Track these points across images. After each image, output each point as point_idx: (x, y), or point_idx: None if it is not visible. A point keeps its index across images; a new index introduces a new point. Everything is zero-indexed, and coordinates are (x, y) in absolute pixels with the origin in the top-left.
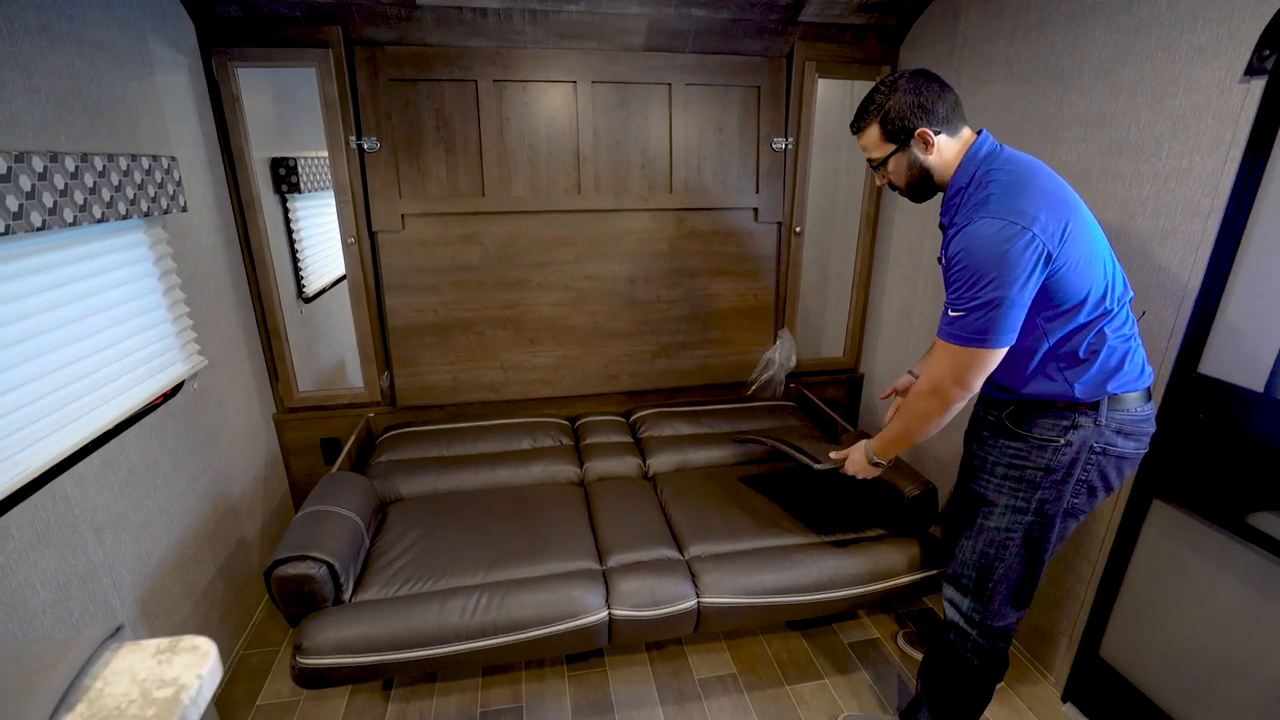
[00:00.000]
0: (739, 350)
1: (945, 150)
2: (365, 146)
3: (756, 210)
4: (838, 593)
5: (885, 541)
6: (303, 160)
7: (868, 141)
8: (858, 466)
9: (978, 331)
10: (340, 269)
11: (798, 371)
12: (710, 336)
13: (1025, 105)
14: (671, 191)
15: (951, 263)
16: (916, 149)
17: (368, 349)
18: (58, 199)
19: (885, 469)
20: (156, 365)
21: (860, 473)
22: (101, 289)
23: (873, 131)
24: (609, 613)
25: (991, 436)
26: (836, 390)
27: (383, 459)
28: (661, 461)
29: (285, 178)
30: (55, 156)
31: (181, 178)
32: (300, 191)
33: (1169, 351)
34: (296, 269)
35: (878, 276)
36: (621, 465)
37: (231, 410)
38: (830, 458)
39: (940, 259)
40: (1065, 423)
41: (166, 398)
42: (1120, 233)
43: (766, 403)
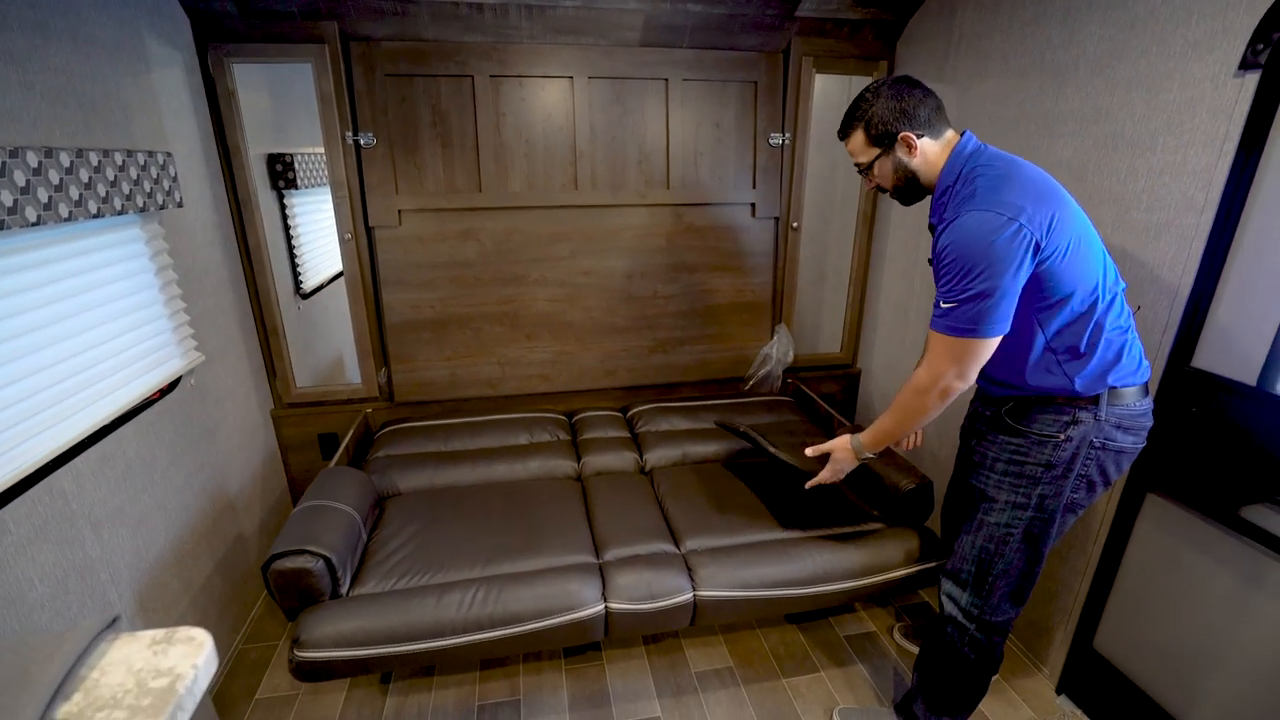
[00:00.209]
0: (736, 346)
1: (929, 152)
2: (362, 142)
3: (754, 206)
4: (833, 586)
5: (881, 535)
6: (299, 156)
7: (854, 146)
8: (837, 468)
9: (970, 321)
10: (337, 265)
11: (795, 367)
12: (707, 332)
13: (1021, 100)
14: (669, 187)
15: (941, 256)
16: (900, 152)
17: (365, 345)
18: (53, 194)
19: (876, 461)
20: (153, 361)
21: (836, 476)
22: (98, 284)
23: (858, 137)
24: (605, 606)
25: (991, 432)
26: (834, 385)
27: (380, 454)
28: (658, 456)
29: (282, 174)
30: (50, 152)
31: (177, 173)
32: (297, 187)
33: (1163, 345)
34: (294, 265)
35: (874, 272)
36: (618, 460)
37: (229, 406)
38: (807, 455)
39: (931, 260)
40: (1065, 418)
41: (163, 393)
42: (1115, 227)
43: (764, 398)
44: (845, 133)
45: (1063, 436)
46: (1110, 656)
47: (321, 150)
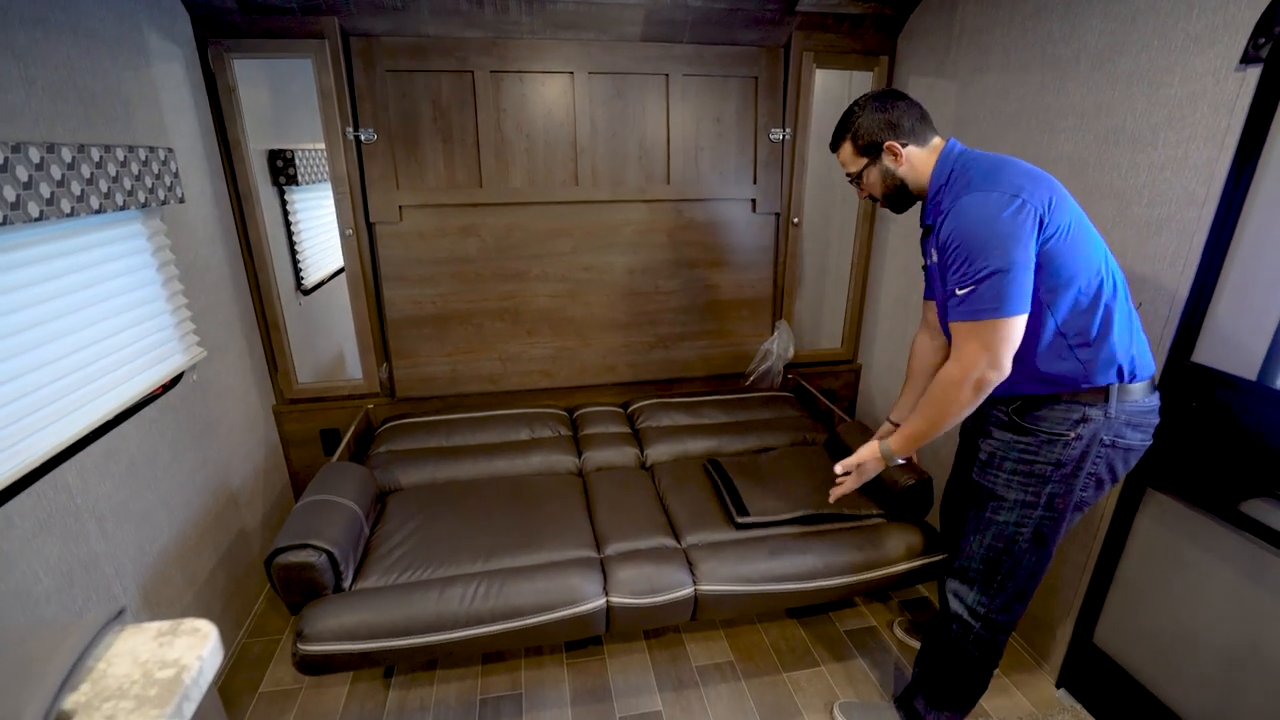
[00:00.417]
0: (737, 341)
1: (915, 160)
2: (362, 138)
3: (754, 201)
4: (834, 580)
5: (881, 530)
6: (300, 152)
7: (844, 157)
8: (865, 477)
9: (991, 301)
10: (338, 261)
11: (795, 362)
12: (708, 327)
13: (1022, 95)
14: (669, 182)
15: (948, 245)
16: (887, 161)
17: (366, 341)
18: (55, 189)
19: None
20: (155, 356)
21: (868, 476)
22: (100, 280)
23: (846, 148)
24: (607, 600)
25: (999, 431)
26: (834, 381)
27: (382, 449)
28: (659, 451)
29: (283, 170)
30: (52, 147)
31: (179, 169)
32: (298, 183)
33: (1163, 340)
34: (295, 261)
35: (875, 268)
36: (619, 455)
37: (231, 402)
38: (838, 471)
39: (924, 266)
40: (1075, 416)
41: (166, 389)
42: (1115, 223)
43: (764, 394)
44: (836, 145)
45: (1073, 435)
46: (1110, 651)
47: (322, 146)
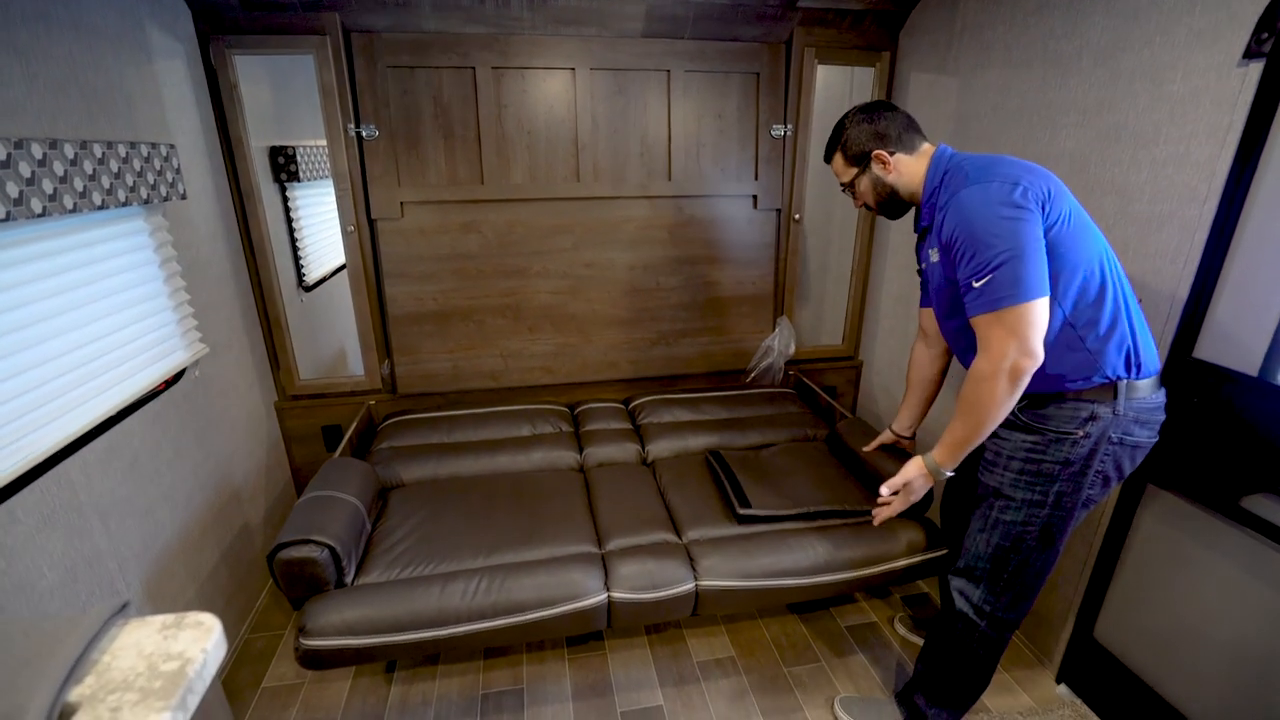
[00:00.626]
0: (738, 337)
1: (904, 166)
2: (364, 134)
3: (755, 198)
4: (835, 576)
5: (882, 526)
6: (301, 149)
7: (836, 168)
8: (918, 492)
9: (1009, 287)
10: (340, 257)
11: (797, 359)
12: (709, 324)
13: (1024, 91)
14: (670, 179)
15: (953, 240)
16: (877, 169)
17: (368, 337)
18: (58, 186)
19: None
20: (158, 352)
21: (917, 496)
22: (102, 276)
23: (837, 159)
24: (608, 595)
25: (1005, 430)
26: (835, 377)
27: (384, 445)
28: (660, 447)
29: (284, 166)
30: (54, 143)
31: (180, 165)
32: (299, 180)
33: (1165, 336)
34: (296, 257)
35: (877, 264)
36: (621, 451)
37: (233, 398)
38: (883, 493)
39: (919, 271)
40: (1084, 414)
41: (168, 385)
42: (1117, 219)
43: (765, 390)
44: (829, 156)
45: (1081, 433)
46: (1111, 646)
47: (324, 143)
